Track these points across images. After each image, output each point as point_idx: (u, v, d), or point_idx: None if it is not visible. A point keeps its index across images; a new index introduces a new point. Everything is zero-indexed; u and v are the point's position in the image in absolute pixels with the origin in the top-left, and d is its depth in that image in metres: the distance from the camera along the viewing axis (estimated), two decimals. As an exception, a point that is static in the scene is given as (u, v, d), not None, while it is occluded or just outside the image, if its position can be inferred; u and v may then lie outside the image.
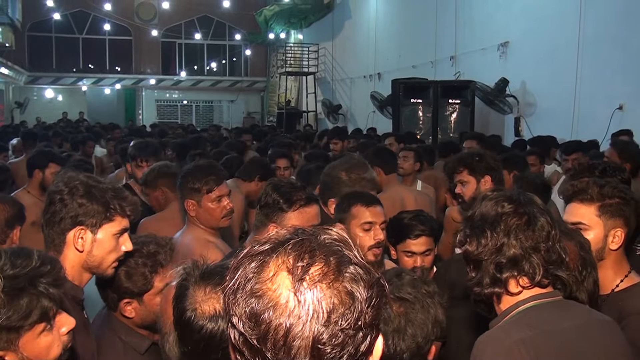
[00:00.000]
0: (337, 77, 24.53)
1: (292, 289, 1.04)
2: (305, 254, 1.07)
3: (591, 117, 10.48)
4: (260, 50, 31.73)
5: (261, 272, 1.08)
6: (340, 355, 1.05)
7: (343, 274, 1.07)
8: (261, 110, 32.04)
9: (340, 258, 1.09)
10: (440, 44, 15.96)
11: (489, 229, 1.96)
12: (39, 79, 29.53)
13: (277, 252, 1.09)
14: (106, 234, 2.27)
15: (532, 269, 1.92)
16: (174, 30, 30.58)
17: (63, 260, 2.21)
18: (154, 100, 31.70)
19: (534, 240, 1.92)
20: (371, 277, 1.10)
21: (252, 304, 1.06)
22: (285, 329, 1.03)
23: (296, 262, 1.06)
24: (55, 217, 2.25)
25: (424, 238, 3.27)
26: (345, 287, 1.06)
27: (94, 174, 2.78)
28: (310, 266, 1.06)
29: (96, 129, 15.26)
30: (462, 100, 12.72)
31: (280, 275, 1.06)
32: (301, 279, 1.04)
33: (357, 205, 3.13)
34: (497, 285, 1.96)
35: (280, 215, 2.79)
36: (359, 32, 22.27)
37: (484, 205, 2.01)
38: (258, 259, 1.10)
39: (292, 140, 9.50)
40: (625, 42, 10.02)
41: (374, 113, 17.69)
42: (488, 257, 1.95)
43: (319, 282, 1.05)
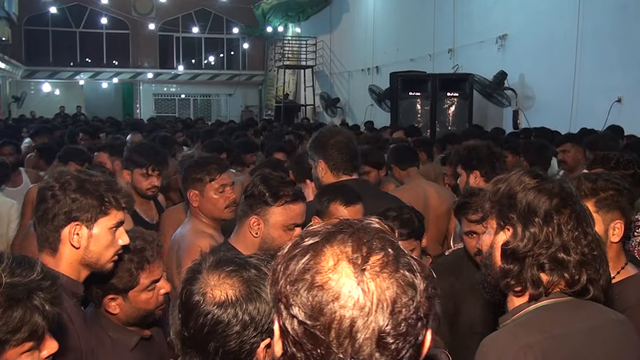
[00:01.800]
0: (335, 70, 24.50)
1: (355, 279, 1.04)
2: (363, 244, 1.07)
3: (590, 110, 10.47)
4: (258, 44, 31.65)
5: (320, 262, 1.07)
6: (404, 345, 1.05)
7: (401, 263, 1.07)
8: (259, 103, 32.00)
9: (397, 249, 1.10)
10: (439, 37, 15.93)
11: (540, 220, 1.77)
12: (36, 73, 29.46)
13: (332, 243, 1.08)
14: (102, 229, 2.21)
15: (578, 274, 1.77)
16: (172, 24, 30.52)
17: (59, 258, 2.19)
18: (152, 94, 31.64)
19: (582, 242, 1.78)
20: (423, 268, 1.11)
21: (316, 295, 1.05)
22: (350, 319, 1.03)
23: (355, 252, 1.06)
24: (48, 214, 2.17)
25: (402, 242, 3.15)
26: (406, 277, 1.06)
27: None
28: (370, 256, 1.06)
29: (93, 123, 15.22)
30: (461, 93, 12.70)
31: (341, 265, 1.05)
32: (363, 269, 1.04)
33: (335, 202, 3.04)
34: (542, 286, 1.79)
35: (264, 208, 2.72)
36: (357, 25, 22.22)
37: (530, 194, 1.80)
38: (313, 250, 1.09)
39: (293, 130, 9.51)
40: (623, 34, 10.00)
41: (372, 106, 17.68)
42: (535, 253, 1.76)
43: (381, 272, 1.05)
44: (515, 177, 1.85)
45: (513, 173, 1.88)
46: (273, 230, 2.70)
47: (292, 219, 2.72)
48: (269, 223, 2.71)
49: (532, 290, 1.78)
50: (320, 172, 3.59)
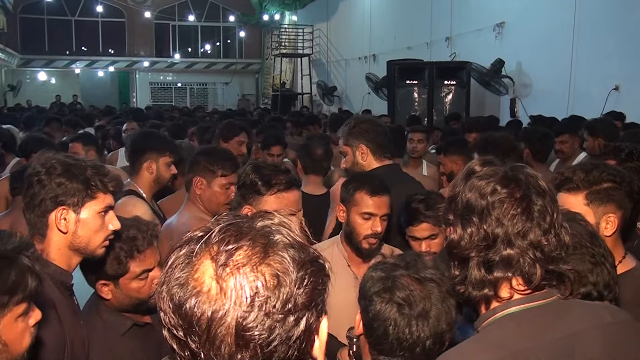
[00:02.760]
0: (332, 58, 24.43)
1: (215, 275, 1.02)
2: (231, 239, 1.04)
3: (587, 98, 10.46)
4: (255, 32, 31.53)
5: (188, 260, 1.05)
6: (270, 340, 1.01)
7: (269, 255, 1.03)
8: (256, 92, 31.93)
9: (269, 239, 1.05)
10: (436, 25, 15.87)
11: (477, 218, 1.61)
12: (32, 62, 29.34)
13: (205, 239, 1.06)
14: (90, 213, 2.19)
15: (529, 269, 1.58)
16: (168, 12, 30.37)
17: (48, 244, 2.18)
18: (148, 82, 31.56)
19: (533, 232, 1.59)
20: (305, 256, 1.06)
21: (175, 293, 1.03)
22: (207, 317, 1.00)
23: (220, 248, 1.03)
24: (35, 199, 2.16)
25: (426, 224, 3.15)
26: (271, 269, 1.02)
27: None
28: (235, 250, 1.03)
29: (88, 112, 15.16)
30: (458, 81, 12.66)
31: (204, 263, 1.03)
32: (224, 264, 1.02)
33: (361, 191, 2.97)
34: (486, 287, 1.62)
35: (257, 198, 2.66)
36: (354, 13, 22.14)
37: (471, 187, 1.64)
38: (188, 247, 1.07)
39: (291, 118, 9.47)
40: (621, 22, 9.98)
41: (369, 95, 17.62)
42: (476, 253, 1.62)
43: (242, 267, 1.01)
44: (467, 168, 1.73)
45: (470, 162, 1.77)
46: None
47: (287, 206, 2.62)
48: None
49: (476, 292, 1.62)
50: (361, 157, 3.69)
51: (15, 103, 24.08)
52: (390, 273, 1.97)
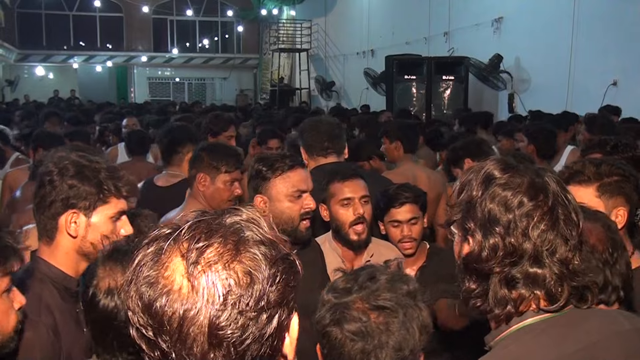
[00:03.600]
0: (331, 53, 24.41)
1: (186, 273, 0.99)
2: (202, 236, 1.02)
3: (585, 93, 10.48)
4: (253, 27, 31.48)
5: (157, 258, 1.03)
6: (243, 338, 1.00)
7: (242, 253, 1.01)
8: (254, 87, 31.88)
9: (240, 236, 1.03)
10: (434, 20, 15.87)
11: (501, 229, 1.47)
12: (30, 57, 29.26)
13: (174, 236, 1.04)
14: (101, 217, 2.11)
15: (557, 288, 1.47)
16: (165, 7, 30.30)
17: (56, 247, 2.11)
18: (146, 77, 31.50)
19: (561, 248, 1.47)
20: (276, 253, 1.05)
21: (145, 292, 1.01)
22: (179, 316, 0.98)
23: (191, 245, 1.01)
24: (45, 200, 2.08)
25: (408, 205, 3.18)
26: (243, 267, 1.00)
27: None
28: (206, 248, 1.01)
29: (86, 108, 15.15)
30: (456, 76, 12.70)
31: (175, 261, 1.01)
32: (195, 262, 0.99)
33: (333, 182, 3.03)
34: (509, 305, 1.49)
35: (264, 184, 2.68)
36: (352, 8, 22.12)
37: (493, 196, 1.50)
38: (156, 245, 1.04)
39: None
40: (619, 18, 9.99)
41: (368, 90, 17.63)
42: (500, 269, 1.48)
43: (214, 264, 1.00)
44: (481, 171, 1.55)
45: (484, 164, 1.58)
46: (279, 204, 2.65)
47: (294, 185, 2.66)
48: (273, 197, 2.66)
49: (497, 311, 1.50)
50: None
51: (13, 98, 24.02)
52: (342, 299, 1.75)
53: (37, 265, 2.09)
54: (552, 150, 5.60)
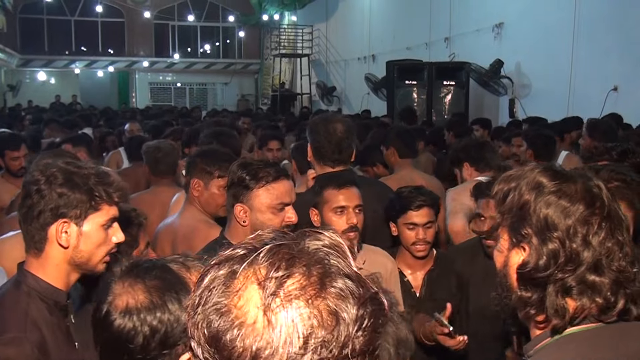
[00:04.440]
0: (332, 59, 24.44)
1: (262, 305, 0.87)
2: (282, 263, 0.90)
3: (586, 99, 10.48)
4: (254, 32, 31.53)
5: (229, 284, 0.91)
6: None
7: (327, 288, 0.88)
8: (255, 92, 31.92)
9: (325, 268, 0.90)
10: (435, 26, 15.89)
11: (561, 234, 1.43)
12: (31, 62, 29.33)
13: (250, 260, 0.92)
14: (93, 226, 2.01)
15: (613, 297, 1.42)
16: (167, 12, 30.37)
17: (45, 259, 2.01)
18: (148, 83, 31.55)
19: (618, 255, 1.43)
20: (365, 292, 0.91)
21: (213, 322, 0.89)
22: (251, 353, 0.86)
23: (269, 273, 0.89)
24: (33, 210, 1.98)
25: (426, 209, 3.17)
26: (329, 305, 0.87)
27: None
28: (287, 278, 0.88)
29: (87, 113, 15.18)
30: (457, 81, 12.69)
31: (249, 289, 0.89)
32: (274, 294, 0.87)
33: (328, 188, 2.95)
34: (567, 315, 1.44)
35: (246, 193, 2.58)
36: (353, 14, 22.15)
37: (548, 203, 1.46)
38: (228, 267, 0.93)
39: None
40: (620, 23, 10.00)
41: (369, 95, 17.63)
42: (561, 275, 1.43)
43: (296, 299, 0.87)
44: (528, 177, 1.52)
45: (527, 171, 1.54)
46: (260, 215, 2.57)
47: (278, 198, 2.58)
48: (255, 208, 2.58)
49: (556, 321, 1.45)
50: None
51: (15, 103, 24.08)
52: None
53: (24, 278, 2.01)
54: (550, 155, 5.61)
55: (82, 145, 5.52)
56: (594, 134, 5.70)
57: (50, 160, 2.20)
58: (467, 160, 3.98)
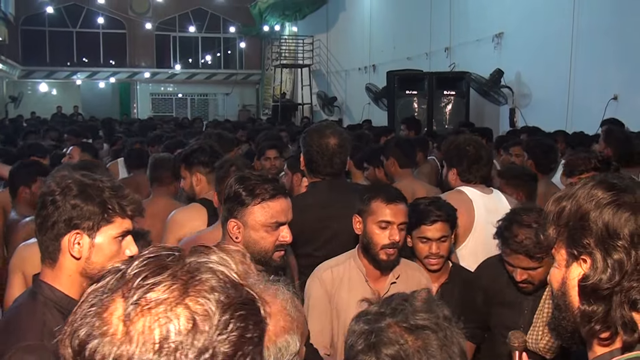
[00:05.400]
0: (332, 69, 24.50)
1: (123, 316, 0.89)
2: (149, 274, 0.91)
3: (586, 108, 10.50)
4: (255, 43, 31.64)
5: (100, 297, 0.93)
6: None
7: (189, 295, 0.90)
8: (256, 103, 31.99)
9: (192, 275, 0.92)
10: (435, 36, 15.94)
11: (625, 242, 1.36)
12: (33, 73, 29.44)
13: (122, 271, 0.94)
14: (106, 238, 2.03)
15: None
16: (168, 23, 30.49)
17: (59, 269, 2.04)
18: (149, 93, 31.63)
19: None
20: (235, 296, 0.92)
21: (79, 331, 0.91)
22: (112, 358, 0.88)
23: (134, 284, 0.91)
24: (47, 221, 2.01)
25: (440, 224, 3.14)
26: (188, 311, 0.89)
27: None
28: (151, 288, 0.90)
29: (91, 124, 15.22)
30: (457, 91, 12.73)
31: (116, 301, 0.91)
32: (135, 304, 0.89)
33: (377, 200, 2.87)
34: (634, 329, 1.37)
35: (242, 210, 2.50)
36: (354, 24, 22.23)
37: (609, 214, 1.40)
38: (103, 281, 0.95)
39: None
40: (619, 32, 10.03)
41: (369, 105, 17.66)
42: (629, 285, 1.35)
43: (155, 307, 0.88)
44: (583, 192, 1.46)
45: (579, 187, 1.49)
46: (254, 232, 2.49)
47: (273, 217, 2.49)
48: (248, 225, 2.49)
49: (625, 337, 1.36)
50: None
51: (17, 114, 24.11)
52: (375, 325, 1.60)
53: (40, 289, 2.03)
54: (551, 165, 5.59)
55: (90, 152, 5.60)
56: (609, 141, 5.69)
57: (66, 172, 2.20)
58: (454, 167, 3.96)
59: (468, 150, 3.84)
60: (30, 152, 5.29)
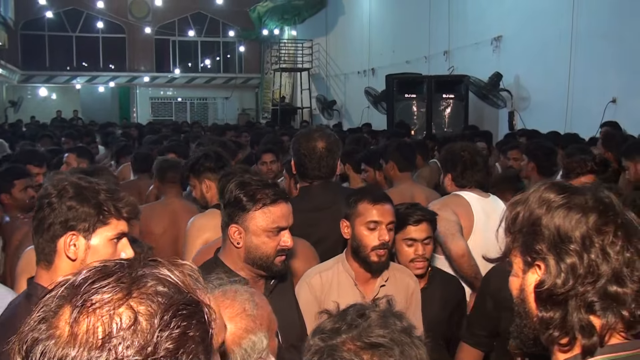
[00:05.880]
0: (332, 73, 24.51)
1: (69, 318, 0.92)
2: (95, 279, 0.95)
3: (585, 111, 10.51)
4: (254, 47, 31.66)
5: (49, 305, 0.96)
6: None
7: (133, 296, 0.93)
8: (256, 106, 32.01)
9: (137, 280, 0.95)
10: (434, 39, 15.96)
11: (577, 246, 1.36)
12: (33, 78, 29.44)
13: (71, 281, 0.97)
14: (101, 240, 2.05)
15: (637, 310, 1.35)
16: (168, 27, 30.51)
17: (54, 272, 2.04)
18: (148, 97, 31.63)
19: (637, 265, 1.36)
20: (178, 298, 0.95)
21: (27, 337, 0.93)
22: (58, 358, 0.90)
23: (80, 290, 0.94)
24: (44, 223, 2.03)
25: (425, 224, 3.15)
26: (130, 310, 0.91)
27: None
28: (96, 291, 0.93)
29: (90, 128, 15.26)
30: (456, 94, 12.74)
31: (64, 307, 0.94)
32: (81, 306, 0.92)
33: (363, 201, 2.87)
34: (595, 334, 1.36)
35: (242, 215, 2.48)
36: (353, 28, 22.26)
37: (560, 216, 1.39)
38: (55, 290, 0.97)
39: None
40: (618, 35, 10.05)
41: (369, 108, 17.69)
42: (583, 289, 1.35)
43: (100, 308, 0.91)
44: (534, 196, 1.46)
45: (532, 191, 1.48)
46: (255, 238, 2.47)
47: (274, 222, 2.47)
48: (250, 230, 2.47)
49: (584, 341, 1.36)
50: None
51: (16, 119, 24.12)
52: (329, 342, 1.56)
53: (35, 291, 2.03)
54: (552, 167, 5.58)
55: (86, 157, 5.64)
56: (609, 144, 5.69)
57: (64, 175, 2.22)
58: (448, 172, 3.98)
59: (463, 155, 3.86)
60: (25, 160, 5.29)
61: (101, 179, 2.25)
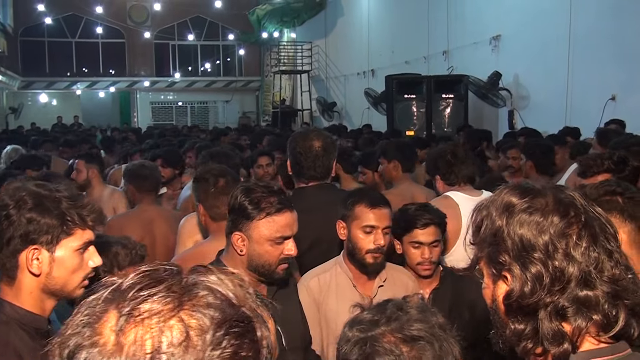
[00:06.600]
0: (331, 74, 24.53)
1: (115, 326, 0.87)
2: (143, 286, 0.90)
3: (584, 109, 10.51)
4: (254, 50, 31.69)
5: (93, 308, 0.91)
6: None
7: (184, 308, 0.88)
8: (256, 109, 32.02)
9: (189, 290, 0.91)
10: (433, 39, 15.96)
11: (541, 254, 1.33)
12: (33, 84, 29.47)
13: (117, 284, 0.93)
14: (67, 251, 1.92)
15: (613, 310, 1.31)
16: (167, 32, 30.55)
17: (18, 287, 1.92)
18: (149, 102, 31.64)
19: (607, 264, 1.33)
20: (231, 314, 0.90)
21: (69, 342, 0.89)
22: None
23: (128, 295, 0.89)
24: (2, 237, 1.89)
25: (432, 227, 3.11)
26: (182, 324, 0.87)
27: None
28: (145, 300, 0.88)
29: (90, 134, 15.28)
30: (456, 94, 12.74)
31: (109, 312, 0.89)
32: (128, 315, 0.87)
33: (360, 204, 2.87)
34: (566, 341, 1.31)
35: (246, 223, 2.44)
36: (352, 29, 22.27)
37: (521, 222, 1.36)
38: (98, 293, 0.93)
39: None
40: (616, 33, 10.05)
41: (369, 110, 17.69)
42: (550, 298, 1.31)
43: (148, 318, 0.87)
44: (496, 201, 1.42)
45: (495, 195, 1.45)
46: (258, 246, 2.44)
47: (279, 231, 2.43)
48: (253, 238, 2.44)
49: (553, 349, 1.32)
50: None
51: (17, 125, 24.16)
52: (369, 333, 1.59)
53: (1, 308, 1.92)
54: (551, 166, 5.56)
55: (95, 163, 5.61)
56: (604, 143, 5.66)
57: (20, 183, 2.09)
58: (437, 174, 3.96)
59: (444, 154, 3.87)
60: (25, 164, 5.30)
61: (60, 186, 2.10)
